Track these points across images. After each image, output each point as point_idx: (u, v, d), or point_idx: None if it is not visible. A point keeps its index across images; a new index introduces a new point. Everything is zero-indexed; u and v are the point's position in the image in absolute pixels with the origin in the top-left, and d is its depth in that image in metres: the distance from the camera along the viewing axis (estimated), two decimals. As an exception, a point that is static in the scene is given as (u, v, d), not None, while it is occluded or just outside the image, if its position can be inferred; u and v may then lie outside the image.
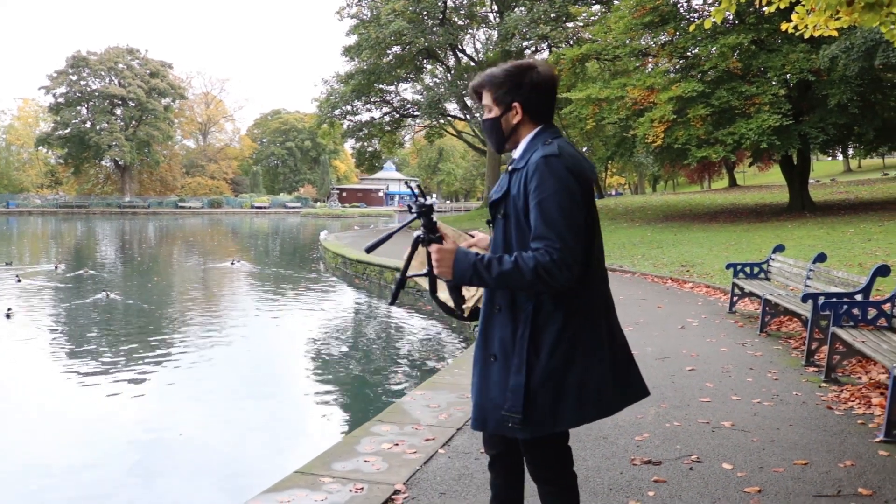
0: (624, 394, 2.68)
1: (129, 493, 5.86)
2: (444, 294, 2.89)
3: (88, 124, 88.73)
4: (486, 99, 2.67)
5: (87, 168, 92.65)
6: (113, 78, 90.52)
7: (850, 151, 44.03)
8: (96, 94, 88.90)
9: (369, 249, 2.75)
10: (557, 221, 2.39)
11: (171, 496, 5.80)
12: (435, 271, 2.46)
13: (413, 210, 2.59)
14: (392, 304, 2.86)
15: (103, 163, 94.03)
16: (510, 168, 2.62)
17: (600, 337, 2.59)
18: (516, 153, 2.67)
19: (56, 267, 23.86)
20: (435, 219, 2.63)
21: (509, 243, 2.54)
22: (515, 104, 2.62)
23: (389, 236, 2.69)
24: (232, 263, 25.57)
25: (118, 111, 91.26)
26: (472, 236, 2.99)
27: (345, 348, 11.89)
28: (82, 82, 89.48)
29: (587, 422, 2.59)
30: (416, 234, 2.58)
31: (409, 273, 2.82)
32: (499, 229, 2.61)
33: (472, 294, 2.95)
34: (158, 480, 6.15)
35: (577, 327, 2.53)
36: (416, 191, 2.80)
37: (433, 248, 2.47)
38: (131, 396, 8.77)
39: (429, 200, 2.60)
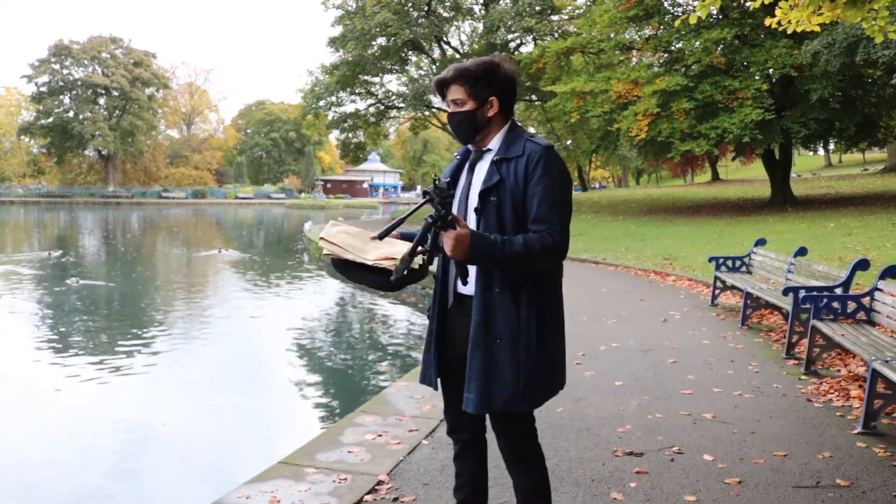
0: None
1: (112, 482, 5.83)
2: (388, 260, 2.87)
3: (71, 113, 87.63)
4: (458, 93, 2.74)
5: (70, 157, 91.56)
6: (96, 67, 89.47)
7: (832, 146, 44.31)
8: (79, 83, 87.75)
9: (381, 236, 2.80)
10: (557, 207, 2.61)
11: (154, 486, 5.78)
12: (450, 253, 2.48)
13: (433, 194, 2.47)
14: (396, 280, 2.66)
15: (86, 152, 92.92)
16: (496, 158, 2.72)
17: (563, 315, 2.86)
18: (492, 144, 2.79)
19: (49, 254, 23.80)
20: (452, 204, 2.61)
21: (504, 226, 2.64)
22: (492, 98, 2.74)
23: (400, 222, 2.72)
24: (219, 252, 25.51)
25: (101, 100, 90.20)
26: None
27: (329, 339, 11.88)
28: (65, 71, 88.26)
29: (559, 390, 2.86)
30: (427, 217, 2.53)
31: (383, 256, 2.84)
32: (491, 214, 2.68)
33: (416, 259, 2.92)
34: (141, 470, 6.12)
35: (556, 305, 2.79)
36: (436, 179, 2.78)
37: (451, 231, 2.47)
38: (113, 385, 8.71)
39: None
